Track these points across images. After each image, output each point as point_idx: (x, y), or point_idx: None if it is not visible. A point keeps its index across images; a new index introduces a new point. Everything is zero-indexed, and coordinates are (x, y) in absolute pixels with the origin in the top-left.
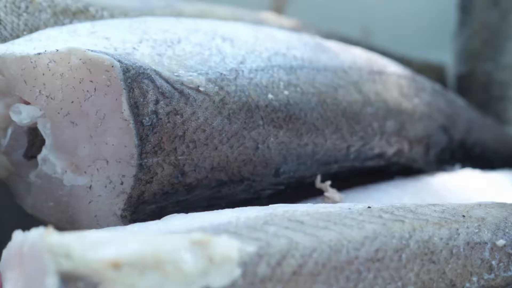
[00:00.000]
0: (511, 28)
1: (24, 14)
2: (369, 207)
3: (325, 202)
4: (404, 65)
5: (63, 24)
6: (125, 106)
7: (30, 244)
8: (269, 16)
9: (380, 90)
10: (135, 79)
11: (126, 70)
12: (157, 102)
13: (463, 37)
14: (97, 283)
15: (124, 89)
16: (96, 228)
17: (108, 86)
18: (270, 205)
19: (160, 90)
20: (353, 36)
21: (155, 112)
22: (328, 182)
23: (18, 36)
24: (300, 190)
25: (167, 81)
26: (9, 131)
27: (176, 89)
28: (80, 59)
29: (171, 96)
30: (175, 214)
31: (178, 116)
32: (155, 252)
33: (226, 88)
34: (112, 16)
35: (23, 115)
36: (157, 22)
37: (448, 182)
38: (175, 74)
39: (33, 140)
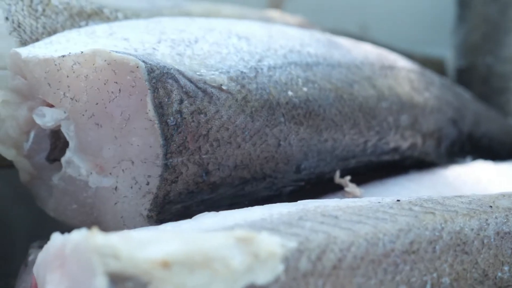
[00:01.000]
0: (511, 22)
1: (42, 17)
2: (398, 200)
3: (346, 197)
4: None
5: (79, 26)
6: (150, 107)
7: (73, 246)
8: (275, 14)
9: (393, 85)
10: (159, 79)
11: (150, 70)
12: (181, 101)
13: (463, 31)
14: (146, 283)
15: (149, 89)
16: (123, 229)
17: (132, 86)
18: (299, 201)
19: (184, 89)
20: (355, 33)
21: (180, 112)
22: (348, 177)
23: (37, 39)
24: (319, 186)
25: (190, 80)
26: (32, 134)
27: (199, 88)
28: (105, 61)
29: (195, 95)
30: (206, 213)
31: (202, 115)
32: (203, 250)
33: (247, 86)
34: (125, 17)
35: (47, 118)
36: (173, 22)
37: (462, 174)
38: (197, 73)
39: (55, 143)
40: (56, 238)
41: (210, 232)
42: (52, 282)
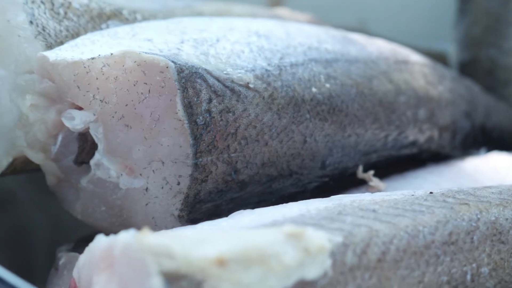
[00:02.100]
0: None
1: (65, 20)
2: (431, 192)
3: (369, 191)
4: None
5: (100, 28)
6: (179, 107)
7: (122, 247)
8: (284, 12)
9: (408, 79)
10: (188, 79)
11: (180, 70)
12: (210, 100)
13: (464, 25)
14: (200, 281)
15: (178, 89)
16: (154, 229)
17: (162, 87)
18: (332, 196)
19: (212, 88)
20: (354, 28)
21: (208, 111)
22: (371, 172)
23: (62, 42)
24: (342, 181)
25: (218, 79)
26: (59, 137)
27: (227, 87)
28: (135, 62)
29: (223, 94)
30: (241, 211)
31: (230, 114)
32: (258, 247)
33: (273, 84)
34: (144, 18)
35: (76, 120)
36: (192, 22)
37: (479, 166)
38: (224, 72)
39: (83, 145)
40: (101, 239)
41: (260, 229)
42: (100, 283)
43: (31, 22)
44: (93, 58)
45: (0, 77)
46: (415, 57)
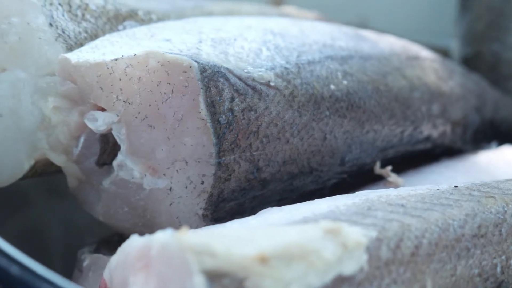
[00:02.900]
0: None
1: (83, 21)
2: (455, 186)
3: (388, 187)
4: None
5: (117, 29)
6: (202, 106)
7: (160, 246)
8: (291, 10)
9: (420, 75)
10: (211, 78)
11: (203, 69)
12: (232, 99)
13: (466, 20)
14: (242, 278)
15: (201, 88)
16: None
17: (185, 87)
18: (357, 192)
19: (234, 87)
20: (355, 24)
21: (231, 110)
22: (389, 167)
23: (81, 44)
24: (359, 177)
25: (239, 78)
26: (81, 139)
27: (248, 85)
28: (158, 62)
29: (245, 93)
30: (269, 208)
31: (252, 112)
32: (298, 243)
33: (293, 82)
34: (158, 18)
35: (99, 122)
36: (208, 22)
37: (493, 159)
38: (245, 71)
39: (104, 147)
40: (136, 240)
41: (297, 225)
42: (136, 283)
43: (50, 24)
44: (116, 59)
45: (21, 80)
46: (425, 53)
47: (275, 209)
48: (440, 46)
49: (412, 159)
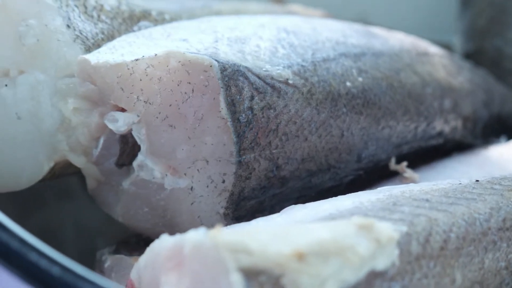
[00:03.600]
0: None
1: (99, 23)
2: (477, 180)
3: (404, 183)
4: None
5: (132, 29)
6: (222, 105)
7: (193, 245)
8: (297, 8)
9: (431, 71)
10: (231, 77)
11: (223, 68)
12: (252, 98)
13: (468, 16)
14: (279, 275)
15: (221, 87)
16: None
17: (205, 86)
18: (379, 188)
19: (254, 86)
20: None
21: (251, 108)
22: (405, 163)
23: (99, 45)
24: (374, 174)
25: (258, 76)
26: (101, 140)
27: (267, 84)
28: (179, 62)
29: (264, 91)
30: (293, 206)
31: (272, 110)
32: (334, 239)
33: (310, 79)
34: (171, 18)
35: (120, 122)
36: (222, 21)
37: (504, 153)
38: (264, 69)
39: (123, 148)
40: (166, 239)
41: (329, 222)
42: (169, 283)
43: (68, 26)
44: (136, 60)
45: (40, 82)
46: (434, 49)
47: (299, 206)
48: (442, 42)
49: (425, 154)
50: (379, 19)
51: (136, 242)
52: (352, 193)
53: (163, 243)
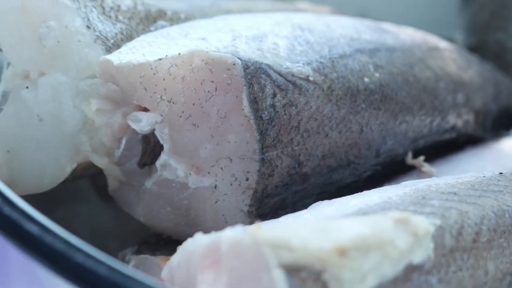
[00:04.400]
0: None
1: (117, 23)
2: (500, 173)
3: (421, 177)
4: None
5: (149, 29)
6: (245, 103)
7: (231, 242)
8: (305, 5)
9: (442, 65)
10: (254, 74)
11: (246, 66)
12: (274, 95)
13: (470, 11)
14: (320, 271)
15: (244, 85)
16: (225, 227)
17: (228, 84)
18: (403, 183)
19: (276, 83)
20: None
21: (273, 106)
22: (422, 158)
23: (118, 45)
24: (391, 169)
25: (279, 74)
26: (123, 141)
27: (289, 81)
28: (203, 60)
29: (286, 88)
30: (320, 202)
31: (293, 107)
32: (374, 234)
33: (329, 76)
34: (186, 18)
35: (143, 122)
36: (237, 20)
37: None
38: (284, 66)
39: (145, 148)
40: (201, 238)
41: (366, 216)
42: (206, 281)
43: (88, 27)
44: (160, 59)
45: (62, 83)
46: (443, 44)
47: (326, 202)
48: (443, 38)
49: (439, 149)
50: (379, 15)
51: (156, 242)
52: (377, 188)
53: (198, 242)
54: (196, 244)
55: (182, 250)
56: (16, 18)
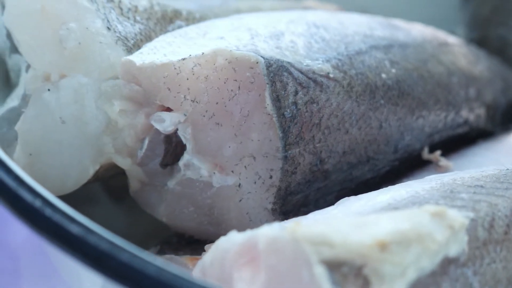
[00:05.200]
0: None
1: (136, 24)
2: None
3: (438, 172)
4: None
5: (167, 29)
6: (268, 101)
7: (269, 240)
8: (313, 3)
9: (454, 60)
10: (276, 72)
11: (268, 64)
12: (296, 93)
13: (471, 7)
14: (361, 265)
15: (267, 84)
16: (249, 225)
17: (251, 83)
18: (427, 177)
19: (297, 81)
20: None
21: (295, 103)
22: (438, 152)
23: (139, 46)
24: (407, 164)
25: (300, 71)
26: (146, 141)
27: (310, 78)
28: (226, 59)
29: (307, 86)
30: (346, 198)
31: (315, 105)
32: (413, 228)
33: (349, 73)
34: (201, 17)
35: (167, 122)
36: (253, 18)
37: None
38: (305, 64)
39: (167, 148)
40: (236, 236)
41: (401, 210)
42: (243, 279)
43: (108, 28)
44: (183, 59)
45: (84, 85)
46: (451, 39)
47: (353, 198)
48: (449, 31)
49: (452, 143)
50: (381, 10)
51: (178, 242)
52: (401, 184)
53: (233, 240)
54: (231, 242)
55: (215, 248)
56: (36, 21)
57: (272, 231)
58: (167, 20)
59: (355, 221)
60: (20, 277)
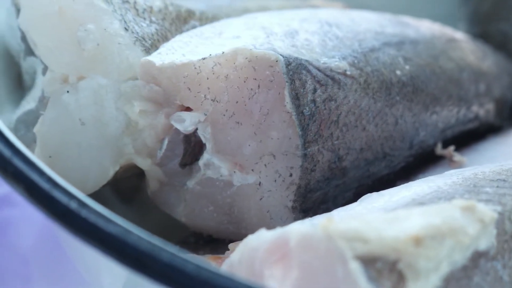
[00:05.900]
0: None
1: (152, 24)
2: None
3: (452, 167)
4: None
5: (181, 29)
6: (287, 99)
7: (301, 236)
8: (319, 2)
9: (462, 56)
10: (295, 71)
11: (288, 63)
12: (314, 91)
13: (472, 2)
14: (395, 260)
15: (286, 82)
16: (270, 223)
17: (271, 81)
18: (446, 172)
19: (316, 78)
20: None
21: (313, 101)
22: (452, 147)
23: (156, 46)
24: (422, 159)
25: (318, 69)
26: (165, 141)
27: (328, 76)
28: (246, 58)
29: (326, 83)
30: (368, 195)
31: (333, 102)
32: (445, 222)
33: (365, 70)
34: (213, 17)
35: (187, 122)
36: (266, 17)
37: None
38: (322, 62)
39: (186, 148)
40: (265, 233)
41: (430, 205)
42: (275, 276)
43: (126, 29)
44: (204, 59)
45: (103, 86)
46: (458, 35)
47: (375, 195)
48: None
49: (463, 138)
50: (382, 7)
51: (196, 241)
52: (422, 179)
53: (263, 238)
54: (261, 240)
55: (244, 247)
56: (54, 22)
57: (304, 227)
58: (182, 20)
59: (387, 217)
60: (30, 281)
